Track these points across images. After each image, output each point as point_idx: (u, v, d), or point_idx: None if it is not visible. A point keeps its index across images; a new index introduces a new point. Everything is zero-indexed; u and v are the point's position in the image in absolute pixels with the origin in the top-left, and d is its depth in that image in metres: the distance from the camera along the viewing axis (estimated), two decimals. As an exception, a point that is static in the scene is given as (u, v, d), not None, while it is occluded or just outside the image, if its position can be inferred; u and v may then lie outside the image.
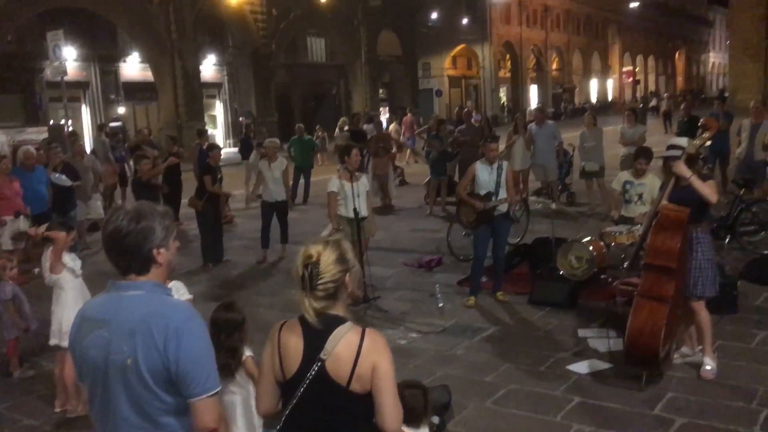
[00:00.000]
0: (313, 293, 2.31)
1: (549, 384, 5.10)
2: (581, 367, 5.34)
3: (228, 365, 3.66)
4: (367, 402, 2.32)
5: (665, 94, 40.35)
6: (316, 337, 2.32)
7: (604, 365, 5.33)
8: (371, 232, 7.52)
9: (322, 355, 2.30)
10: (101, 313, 2.25)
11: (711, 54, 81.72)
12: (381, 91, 39.99)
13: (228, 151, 25.64)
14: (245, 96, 32.31)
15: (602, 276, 7.20)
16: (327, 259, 2.32)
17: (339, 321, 2.34)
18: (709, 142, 5.39)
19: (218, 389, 2.23)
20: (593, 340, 5.84)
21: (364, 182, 7.37)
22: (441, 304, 6.99)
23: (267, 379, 2.44)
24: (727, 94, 38.55)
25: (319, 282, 2.30)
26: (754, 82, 39.60)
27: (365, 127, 13.94)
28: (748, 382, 4.92)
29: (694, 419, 4.43)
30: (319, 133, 23.17)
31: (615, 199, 7.35)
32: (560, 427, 4.45)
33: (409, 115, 24.17)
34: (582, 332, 6.08)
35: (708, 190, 4.89)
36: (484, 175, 7.05)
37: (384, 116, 34.06)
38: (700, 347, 5.23)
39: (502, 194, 6.97)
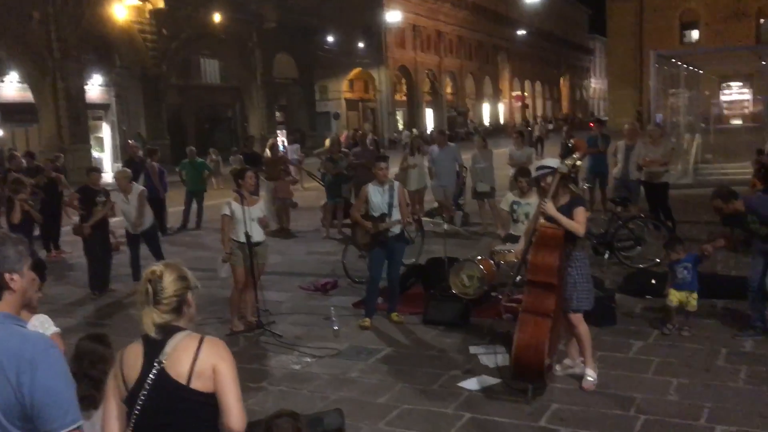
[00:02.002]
0: (159, 307, 2.46)
1: (441, 402, 5.17)
2: (472, 384, 5.45)
3: (92, 396, 3.49)
4: (211, 404, 2.41)
5: (539, 120, 42.45)
6: (155, 345, 2.45)
7: (493, 381, 5.47)
8: (265, 258, 7.39)
9: (160, 358, 2.41)
10: None
11: (592, 80, 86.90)
12: (278, 113, 39.72)
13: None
14: (135, 118, 31.16)
15: (492, 293, 7.42)
16: (169, 276, 2.49)
17: (178, 329, 2.50)
18: (579, 162, 5.69)
19: (79, 423, 2.13)
20: (483, 357, 5.99)
21: (259, 206, 7.26)
22: (336, 327, 6.96)
23: (111, 402, 2.49)
24: (606, 118, 41.04)
25: (164, 296, 2.46)
26: (629, 106, 42.36)
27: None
28: (626, 390, 5.19)
29: (576, 429, 4.62)
30: (213, 156, 22.68)
31: (503, 218, 7.61)
32: (452, 445, 4.51)
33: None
34: (473, 349, 6.23)
35: (574, 225, 5.10)
36: (377, 196, 7.12)
37: (281, 139, 33.83)
38: (581, 358, 5.47)
39: (395, 215, 7.06)
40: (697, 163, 18.00)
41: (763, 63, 20.69)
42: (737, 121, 40.96)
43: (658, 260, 8.80)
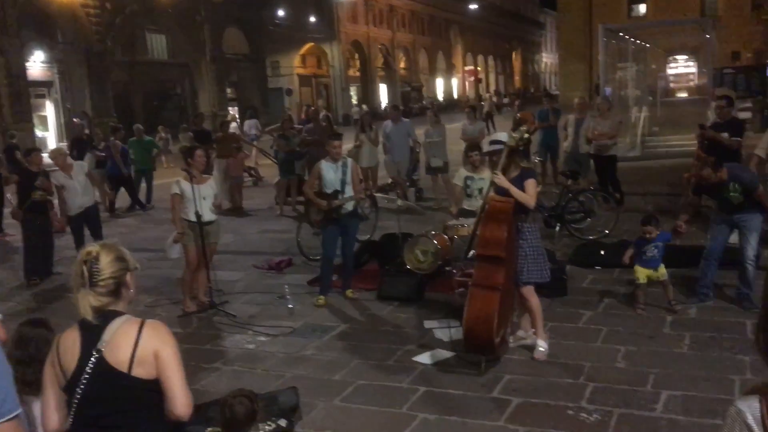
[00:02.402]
0: (95, 289, 2.36)
1: (396, 377, 5.21)
2: (426, 358, 5.51)
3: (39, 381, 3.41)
4: (154, 390, 2.34)
5: (487, 95, 42.66)
6: (93, 331, 2.36)
7: (447, 354, 5.53)
8: (217, 237, 7.28)
9: (99, 346, 2.32)
10: None
11: (544, 54, 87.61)
12: (229, 90, 38.98)
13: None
14: (79, 95, 30.17)
15: (447, 268, 7.47)
16: (106, 257, 2.38)
17: (117, 314, 2.40)
18: (527, 135, 5.73)
19: (18, 412, 2.06)
20: (437, 331, 6.05)
21: (210, 185, 7.12)
22: (291, 306, 6.94)
23: (50, 391, 2.40)
24: (557, 92, 41.51)
25: (100, 278, 2.36)
26: (580, 80, 42.91)
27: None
28: (576, 359, 5.30)
29: (528, 398, 4.71)
30: (162, 134, 22.18)
31: (456, 193, 7.65)
32: (406, 418, 4.55)
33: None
34: (427, 324, 6.28)
35: (525, 197, 5.17)
36: (330, 173, 7.07)
37: (232, 115, 33.28)
38: (533, 330, 5.56)
39: (349, 192, 7.03)
40: (644, 135, 18.39)
41: (707, 36, 21.16)
42: (683, 94, 41.99)
43: (607, 231, 9.00)
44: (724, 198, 6.05)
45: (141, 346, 2.32)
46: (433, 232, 7.57)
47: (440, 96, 60.91)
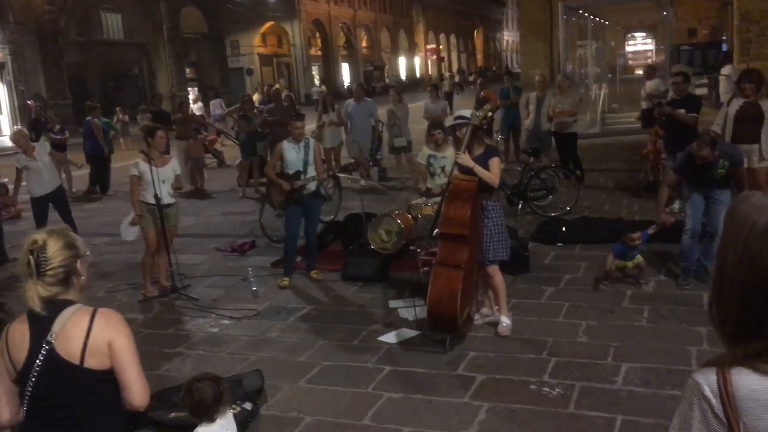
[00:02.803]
0: (43, 279, 2.26)
1: (362, 356, 5.22)
2: (391, 337, 5.52)
3: None
4: (108, 381, 2.28)
5: (448, 74, 42.60)
6: (42, 323, 2.27)
7: (412, 333, 5.56)
8: (176, 220, 7.16)
9: (49, 338, 2.24)
10: None
11: (505, 32, 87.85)
12: (188, 70, 38.26)
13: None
14: (33, 77, 29.29)
15: (411, 247, 7.48)
16: (54, 245, 2.27)
17: (67, 304, 2.30)
18: (491, 113, 5.73)
19: None
20: (402, 310, 6.07)
21: (171, 167, 6.96)
22: (254, 288, 6.88)
23: (1, 383, 2.31)
24: (519, 70, 41.67)
25: (48, 268, 2.25)
26: (541, 58, 43.11)
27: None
28: (539, 335, 5.37)
29: (492, 374, 4.76)
30: (120, 116, 21.69)
31: (421, 172, 7.64)
32: (372, 397, 4.57)
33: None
34: (392, 303, 6.29)
35: (489, 175, 5.19)
36: (292, 154, 6.99)
37: (193, 96, 32.68)
38: (497, 307, 5.62)
39: (311, 173, 6.97)
40: (604, 112, 18.60)
41: (665, 14, 21.43)
42: (641, 71, 42.51)
43: (568, 208, 9.12)
44: (710, 174, 5.99)
45: (93, 336, 2.25)
46: (397, 212, 7.57)
47: (403, 75, 60.74)
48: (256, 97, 20.91)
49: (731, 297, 1.29)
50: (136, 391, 2.30)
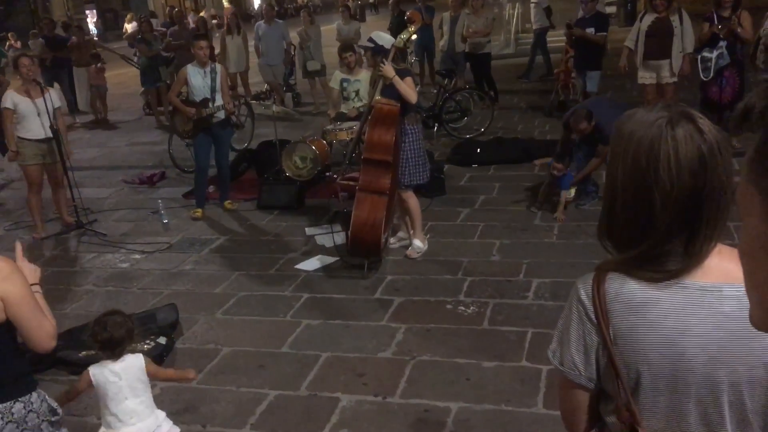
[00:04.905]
0: None
1: (279, 285, 5.17)
2: (309, 265, 5.49)
3: None
4: (7, 331, 2.19)
5: None
6: None
7: (330, 259, 5.54)
8: (56, 157, 6.51)
9: None
10: None
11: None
12: (84, -10, 35.64)
13: None
14: None
15: (327, 173, 7.38)
16: None
17: None
18: (415, 36, 5.60)
19: None
20: (320, 237, 6.02)
21: (50, 98, 6.33)
22: (166, 221, 6.66)
23: None
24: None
25: None
26: (456, -22, 42.30)
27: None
28: (455, 256, 5.46)
29: (409, 296, 4.83)
30: (12, 42, 20.07)
31: (334, 97, 7.46)
32: (290, 325, 4.55)
33: None
34: (309, 230, 6.23)
35: (407, 89, 5.11)
36: (197, 79, 6.66)
37: (91, 21, 30.64)
38: (413, 231, 5.65)
39: (219, 100, 6.68)
40: (517, 33, 18.63)
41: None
42: (554, -8, 42.54)
43: (482, 129, 9.18)
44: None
45: None
46: (312, 138, 7.41)
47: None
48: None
49: (622, 214, 1.33)
50: (37, 339, 2.21)
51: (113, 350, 3.03)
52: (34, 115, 6.18)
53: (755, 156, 0.75)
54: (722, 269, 1.28)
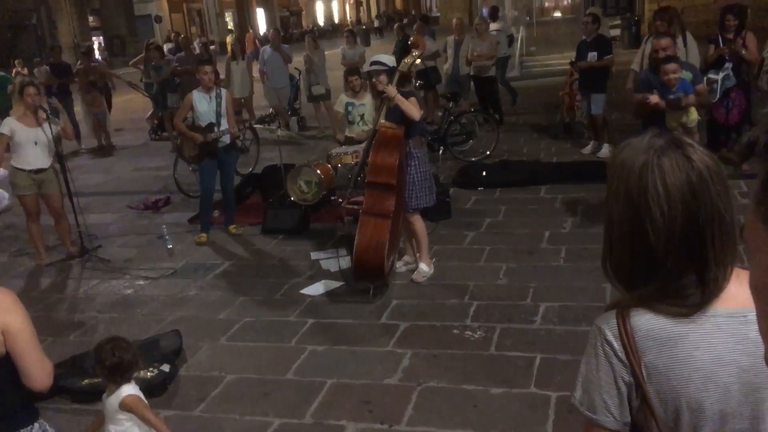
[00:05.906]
0: None
1: (284, 311, 5.12)
2: (314, 290, 5.44)
3: None
4: (6, 365, 2.11)
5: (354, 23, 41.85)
6: None
7: (335, 284, 5.49)
8: (52, 187, 6.42)
9: None
10: None
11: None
12: (91, 18, 36.09)
13: None
14: None
15: (332, 197, 7.36)
16: None
17: None
18: (419, 60, 5.62)
19: None
20: (325, 261, 5.98)
21: (46, 128, 6.19)
22: (170, 246, 6.63)
23: None
24: (438, 14, 41.39)
25: None
26: (460, 2, 42.89)
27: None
28: (461, 280, 5.40)
29: (415, 321, 4.77)
30: (19, 68, 20.28)
31: (338, 120, 7.47)
32: (295, 351, 4.50)
33: None
34: (314, 255, 6.19)
35: (410, 106, 5.10)
36: (203, 104, 6.68)
37: (98, 47, 30.96)
38: (419, 254, 5.60)
39: (224, 124, 6.69)
40: (522, 56, 18.72)
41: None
42: (557, 14, 43.10)
43: (488, 152, 9.16)
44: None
45: None
46: (316, 162, 7.40)
47: (321, 21, 59.32)
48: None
49: (622, 249, 1.31)
50: (36, 376, 2.14)
51: (123, 375, 2.97)
52: (30, 144, 6.12)
53: (761, 193, 0.73)
54: (743, 294, 1.25)
